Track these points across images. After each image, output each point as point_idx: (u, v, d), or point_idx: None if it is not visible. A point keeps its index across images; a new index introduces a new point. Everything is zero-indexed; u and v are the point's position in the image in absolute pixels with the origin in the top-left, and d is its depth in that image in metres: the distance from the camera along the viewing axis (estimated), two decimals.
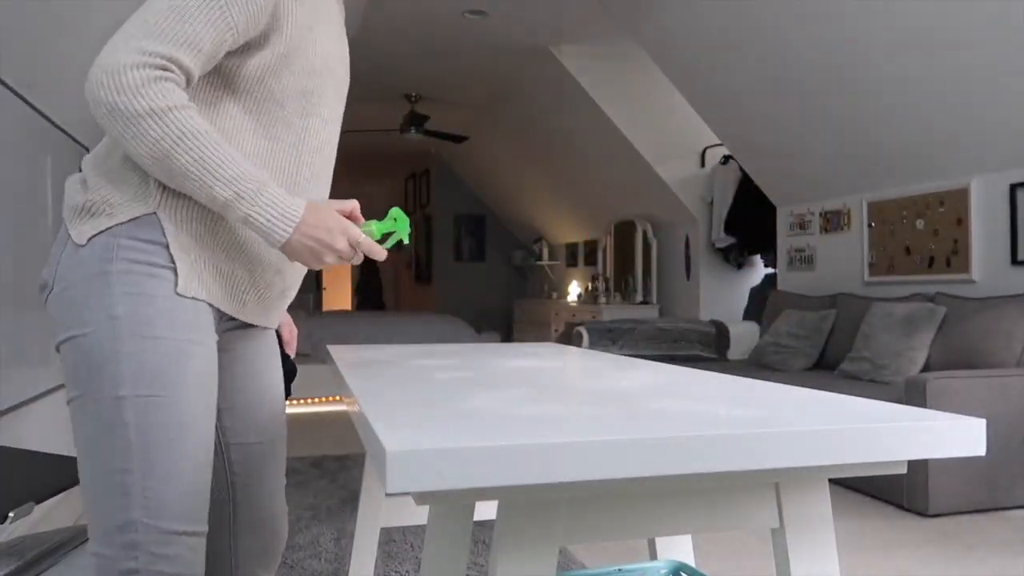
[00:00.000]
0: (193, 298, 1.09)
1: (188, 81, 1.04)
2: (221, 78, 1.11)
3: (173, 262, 1.07)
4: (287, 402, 1.43)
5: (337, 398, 6.23)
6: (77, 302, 1.05)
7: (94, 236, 1.06)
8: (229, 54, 1.09)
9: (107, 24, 2.89)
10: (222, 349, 1.23)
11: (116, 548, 1.02)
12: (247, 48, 1.09)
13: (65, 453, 2.22)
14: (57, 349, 1.09)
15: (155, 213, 1.07)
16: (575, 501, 0.83)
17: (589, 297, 8.61)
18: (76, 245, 1.07)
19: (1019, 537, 2.92)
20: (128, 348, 1.03)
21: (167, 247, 1.07)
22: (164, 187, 1.07)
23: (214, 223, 1.11)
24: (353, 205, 1.17)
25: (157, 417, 1.03)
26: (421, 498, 0.75)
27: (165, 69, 1.00)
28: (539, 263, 10.38)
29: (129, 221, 1.06)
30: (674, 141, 6.70)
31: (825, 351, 4.64)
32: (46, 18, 2.51)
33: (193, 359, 1.07)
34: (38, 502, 1.22)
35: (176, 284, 1.07)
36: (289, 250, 1.07)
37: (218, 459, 1.25)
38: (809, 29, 4.20)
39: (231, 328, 1.24)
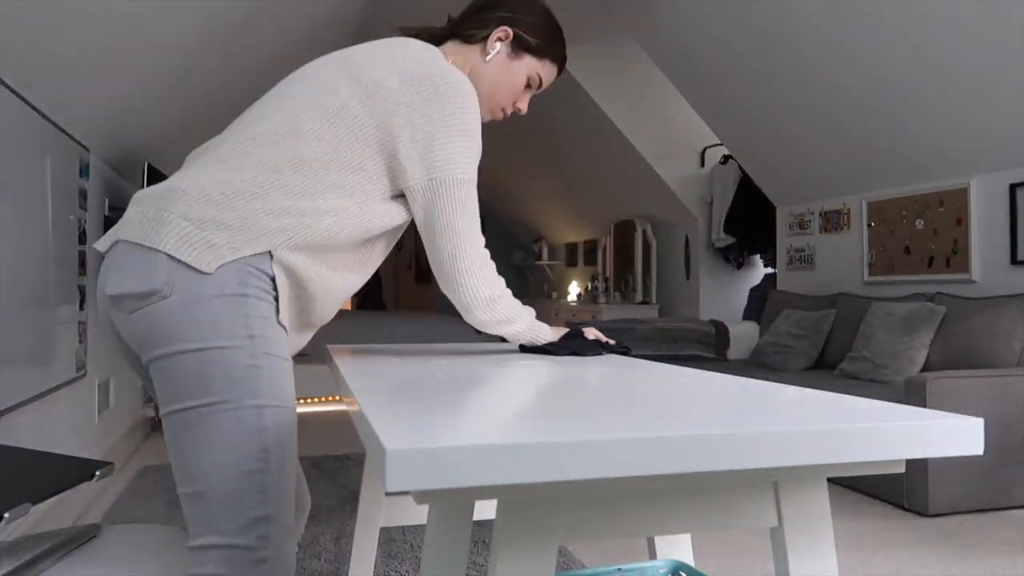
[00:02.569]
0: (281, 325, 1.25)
1: None
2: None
3: (276, 290, 1.23)
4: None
5: (337, 398, 6.23)
6: (212, 318, 1.15)
7: (221, 266, 1.17)
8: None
9: (108, 25, 2.90)
10: None
11: (251, 539, 1.13)
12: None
13: (65, 453, 2.22)
14: (159, 358, 1.17)
15: (269, 252, 1.21)
16: (575, 501, 0.83)
17: (589, 297, 8.60)
18: (193, 268, 1.16)
19: (1019, 537, 2.92)
20: (264, 363, 1.17)
21: (274, 279, 1.22)
22: (277, 232, 1.21)
23: (301, 280, 1.26)
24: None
25: (285, 425, 1.18)
26: (421, 497, 0.75)
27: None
28: (539, 263, 10.38)
29: (252, 255, 1.20)
30: (674, 141, 6.70)
31: (825, 351, 4.64)
32: (46, 18, 2.51)
33: (290, 373, 1.24)
34: (35, 503, 1.21)
35: (278, 312, 1.23)
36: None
37: None
38: (809, 30, 4.20)
39: None
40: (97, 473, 1.37)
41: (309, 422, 5.51)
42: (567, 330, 1.60)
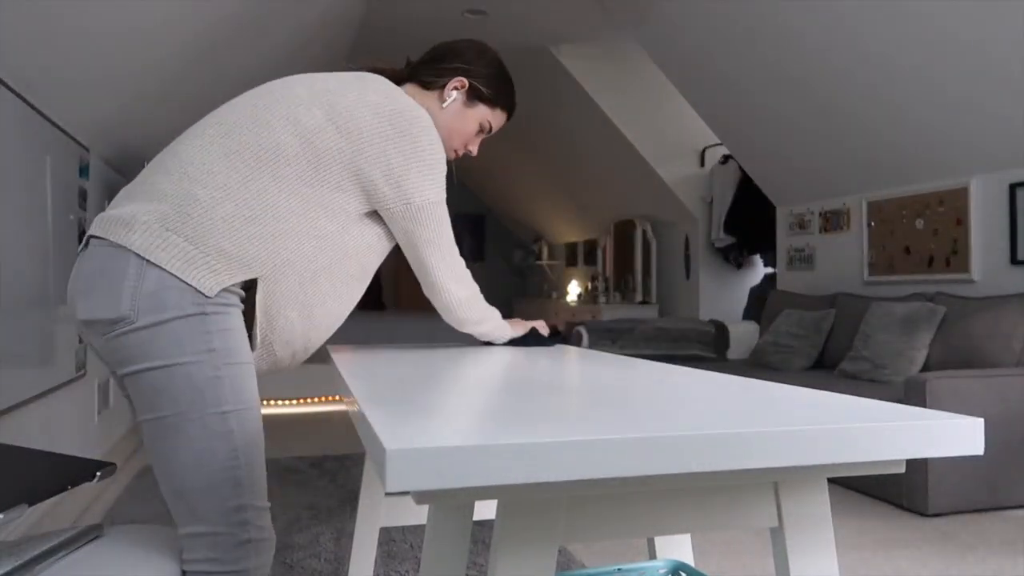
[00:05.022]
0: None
1: None
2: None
3: (242, 302, 1.34)
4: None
5: (337, 398, 6.22)
6: (175, 338, 1.25)
7: (222, 291, 1.29)
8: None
9: (107, 25, 2.89)
10: None
11: (232, 526, 1.26)
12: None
13: (65, 453, 2.22)
14: (130, 374, 1.28)
15: (255, 280, 1.34)
16: (575, 501, 0.83)
17: (589, 297, 8.61)
18: (179, 284, 1.26)
19: (1019, 537, 2.92)
20: (224, 373, 1.27)
21: (242, 296, 1.34)
22: (273, 265, 1.34)
23: (282, 308, 1.38)
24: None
25: (249, 423, 1.29)
26: (421, 498, 0.75)
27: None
28: (539, 263, 10.38)
29: (239, 283, 1.31)
30: (674, 141, 6.70)
31: (825, 351, 4.64)
32: (46, 18, 2.51)
33: (254, 376, 1.35)
34: (32, 503, 1.21)
35: (244, 314, 1.34)
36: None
37: None
38: (810, 29, 4.20)
39: None
40: (98, 473, 1.37)
41: (309, 422, 5.51)
42: (528, 325, 1.87)
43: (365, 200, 1.43)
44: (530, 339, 1.84)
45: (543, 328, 1.89)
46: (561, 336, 1.93)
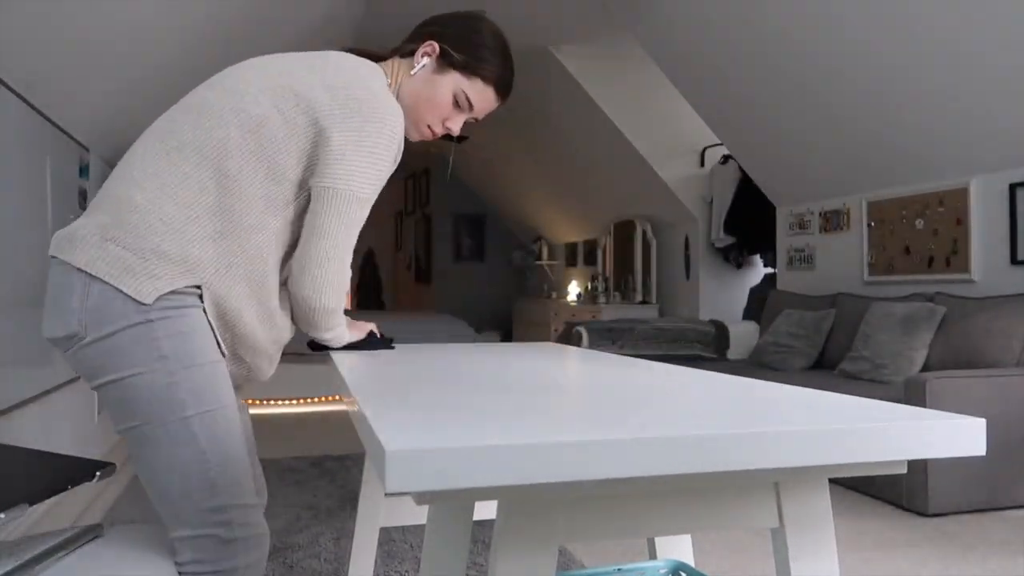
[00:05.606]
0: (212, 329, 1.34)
1: None
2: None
3: (201, 301, 1.31)
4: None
5: (337, 398, 6.22)
6: (122, 350, 1.24)
7: (160, 297, 1.25)
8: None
9: (107, 25, 2.89)
10: None
11: (215, 527, 1.25)
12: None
13: (65, 453, 2.22)
14: (95, 388, 1.28)
15: (199, 286, 1.29)
16: (575, 501, 0.83)
17: (589, 297, 8.60)
18: (120, 295, 1.24)
19: (1019, 537, 2.92)
20: (181, 378, 1.26)
21: (200, 297, 1.31)
22: (215, 269, 1.30)
23: (237, 313, 1.34)
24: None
25: (218, 424, 1.28)
26: (421, 498, 0.75)
27: None
28: (538, 263, 10.38)
29: (185, 287, 1.28)
30: (674, 141, 6.70)
31: (824, 351, 4.64)
32: (46, 18, 2.51)
33: (223, 374, 1.33)
34: (32, 503, 1.21)
35: (205, 313, 1.31)
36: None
37: None
38: (809, 29, 4.20)
39: None
40: (97, 473, 1.37)
41: (309, 422, 5.51)
42: (366, 328, 1.70)
43: (300, 187, 1.36)
44: (372, 343, 1.72)
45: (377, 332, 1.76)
46: (392, 343, 1.82)
